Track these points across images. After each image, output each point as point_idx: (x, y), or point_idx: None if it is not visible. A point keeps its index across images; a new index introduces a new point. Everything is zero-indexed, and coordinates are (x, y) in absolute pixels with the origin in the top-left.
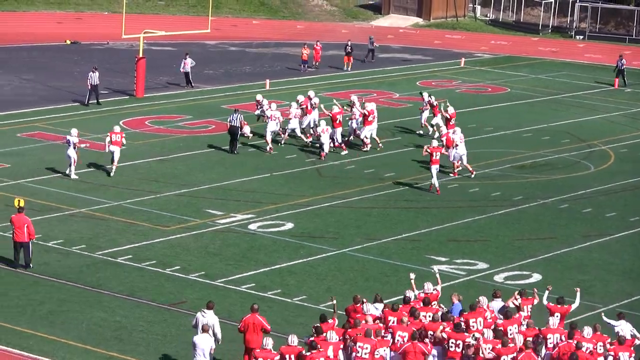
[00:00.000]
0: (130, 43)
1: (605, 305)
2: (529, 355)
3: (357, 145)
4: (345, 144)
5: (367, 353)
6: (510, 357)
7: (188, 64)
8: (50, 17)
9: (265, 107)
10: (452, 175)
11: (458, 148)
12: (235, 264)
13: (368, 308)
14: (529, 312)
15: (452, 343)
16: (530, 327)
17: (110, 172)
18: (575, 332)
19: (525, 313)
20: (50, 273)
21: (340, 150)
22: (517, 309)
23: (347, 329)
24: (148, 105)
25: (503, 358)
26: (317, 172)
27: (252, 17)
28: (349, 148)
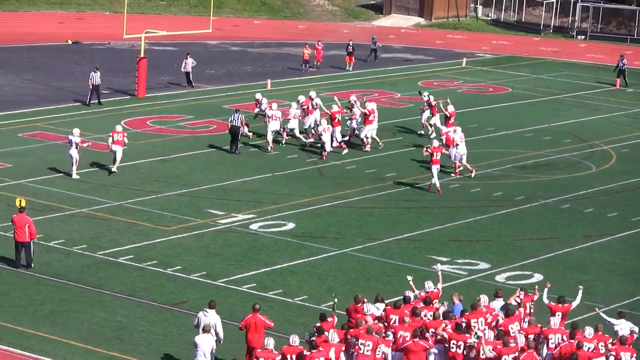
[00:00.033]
0: (132, 43)
1: (607, 306)
2: (531, 356)
3: (357, 145)
4: (346, 144)
5: (369, 350)
6: (512, 356)
7: (189, 64)
8: (52, 17)
9: (264, 106)
10: (453, 175)
11: (458, 147)
12: (237, 264)
13: (368, 308)
14: (531, 309)
15: (453, 344)
16: (532, 324)
17: (112, 170)
18: (577, 332)
19: (527, 310)
20: (52, 273)
21: (341, 150)
22: (518, 306)
23: (348, 330)
24: (149, 105)
25: (504, 358)
26: (318, 172)
27: (253, 17)
28: (349, 148)
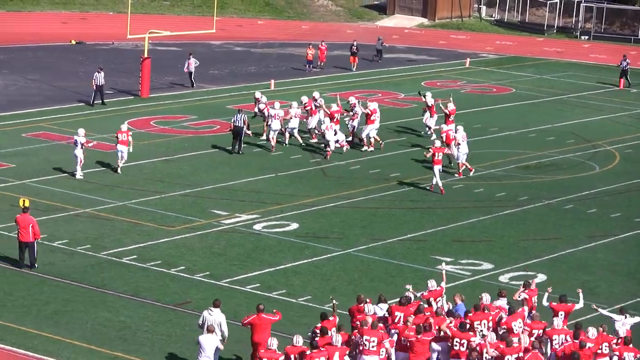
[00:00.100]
0: (136, 43)
1: (610, 306)
2: (536, 356)
3: (358, 145)
4: (349, 144)
5: (374, 346)
6: (515, 357)
7: (192, 64)
8: (56, 17)
9: (262, 106)
10: (456, 176)
11: (460, 147)
12: (240, 264)
13: (369, 309)
14: (534, 303)
15: (456, 342)
16: (536, 319)
17: (117, 169)
18: (581, 332)
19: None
20: (55, 273)
21: (341, 150)
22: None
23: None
24: (153, 106)
25: (507, 358)
26: (322, 172)
27: (257, 17)
28: (351, 148)
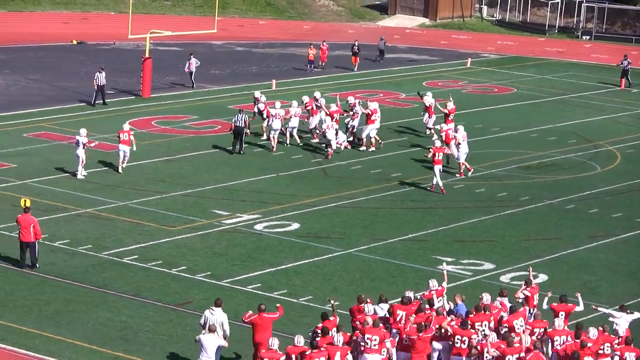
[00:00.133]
0: (137, 43)
1: (612, 306)
2: (538, 356)
3: (357, 145)
4: (350, 144)
5: (375, 345)
6: (516, 357)
7: (193, 64)
8: (57, 17)
9: (262, 105)
10: (458, 176)
11: (461, 146)
12: (241, 264)
13: (369, 309)
14: (536, 301)
15: (457, 339)
16: (538, 318)
17: (118, 169)
18: (582, 332)
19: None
20: (57, 273)
21: (339, 149)
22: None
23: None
24: (154, 106)
25: (508, 358)
26: (323, 172)
27: (258, 17)
28: (351, 148)
